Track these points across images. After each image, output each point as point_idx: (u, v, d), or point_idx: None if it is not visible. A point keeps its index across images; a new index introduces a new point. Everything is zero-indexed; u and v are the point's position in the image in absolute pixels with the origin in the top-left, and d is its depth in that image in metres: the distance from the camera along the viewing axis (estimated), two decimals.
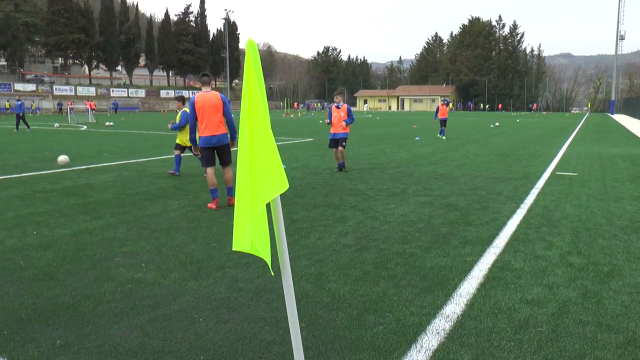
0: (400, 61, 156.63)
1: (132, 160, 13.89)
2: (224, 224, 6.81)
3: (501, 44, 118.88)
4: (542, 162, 13.85)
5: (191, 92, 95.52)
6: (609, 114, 75.84)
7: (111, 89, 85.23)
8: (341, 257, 5.39)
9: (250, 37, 2.19)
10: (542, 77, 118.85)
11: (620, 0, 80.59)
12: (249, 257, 5.19)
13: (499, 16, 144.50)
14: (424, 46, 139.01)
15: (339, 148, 11.69)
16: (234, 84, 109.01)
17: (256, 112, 2.17)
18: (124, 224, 6.78)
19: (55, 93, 75.99)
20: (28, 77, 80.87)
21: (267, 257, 2.22)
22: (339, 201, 8.36)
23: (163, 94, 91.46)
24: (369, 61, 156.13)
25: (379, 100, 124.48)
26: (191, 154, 10.68)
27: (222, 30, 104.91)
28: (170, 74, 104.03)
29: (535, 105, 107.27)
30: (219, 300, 4.24)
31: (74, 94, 78.12)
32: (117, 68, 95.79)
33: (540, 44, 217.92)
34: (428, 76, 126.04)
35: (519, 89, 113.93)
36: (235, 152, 3.53)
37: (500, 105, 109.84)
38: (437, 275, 4.82)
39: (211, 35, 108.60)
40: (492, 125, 36.18)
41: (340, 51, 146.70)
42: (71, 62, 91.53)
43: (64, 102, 66.70)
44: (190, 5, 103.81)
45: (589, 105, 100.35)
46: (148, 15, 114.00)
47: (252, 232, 2.12)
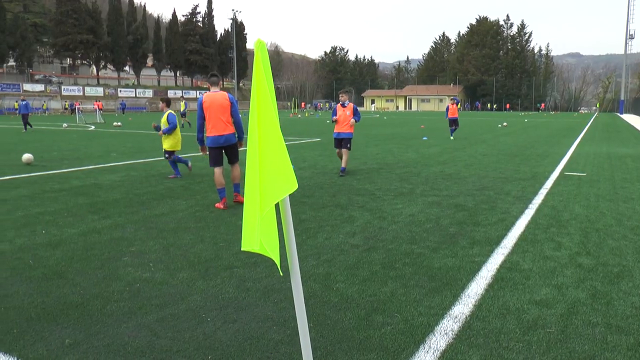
0: (408, 61, 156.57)
1: (140, 160, 13.94)
2: (232, 223, 6.83)
3: (509, 44, 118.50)
4: (551, 162, 13.78)
5: (199, 92, 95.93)
6: (618, 114, 75.42)
7: (119, 89, 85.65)
8: (349, 257, 5.39)
9: (258, 37, 2.19)
10: (550, 77, 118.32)
11: None
12: (257, 257, 5.20)
13: (507, 15, 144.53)
14: (432, 46, 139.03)
15: (343, 149, 11.37)
16: (241, 84, 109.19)
17: (265, 112, 2.17)
18: (132, 224, 6.80)
19: (64, 93, 76.48)
20: (37, 77, 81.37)
21: (276, 257, 2.22)
22: (347, 201, 8.36)
23: (171, 94, 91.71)
24: (376, 61, 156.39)
25: (386, 100, 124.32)
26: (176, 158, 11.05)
27: (230, 30, 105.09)
28: (178, 74, 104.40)
29: (542, 105, 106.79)
30: (226, 300, 4.25)
31: (82, 94, 78.61)
32: (124, 68, 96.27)
33: (548, 43, 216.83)
34: (435, 76, 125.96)
35: (527, 88, 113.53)
36: (244, 152, 3.53)
37: (508, 105, 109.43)
38: (445, 276, 4.80)
39: (218, 36, 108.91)
40: (499, 125, 36.05)
41: (347, 51, 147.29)
42: (79, 62, 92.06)
43: (73, 103, 67.12)
44: (197, 6, 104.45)
45: (598, 105, 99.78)
46: (155, 15, 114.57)
47: (261, 232, 2.12)
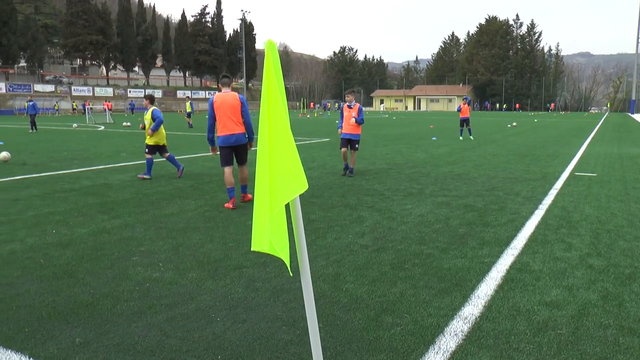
0: (417, 61, 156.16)
1: None
2: (241, 223, 6.84)
3: (518, 43, 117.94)
4: (561, 163, 13.70)
5: (208, 92, 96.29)
6: (629, 114, 74.79)
7: (128, 90, 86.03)
8: (358, 257, 5.38)
9: (269, 37, 2.19)
10: (560, 77, 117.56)
11: None
12: (266, 257, 5.20)
13: (517, 15, 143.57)
14: (441, 46, 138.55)
15: (351, 150, 11.25)
16: (250, 84, 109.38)
17: (276, 112, 2.17)
18: (141, 224, 6.83)
19: (74, 94, 76.91)
20: (47, 78, 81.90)
21: (286, 258, 2.22)
22: (356, 201, 8.35)
23: (180, 94, 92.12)
24: (385, 61, 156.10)
25: (395, 100, 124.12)
26: (162, 158, 11.27)
27: (239, 30, 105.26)
28: (187, 75, 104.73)
29: (552, 105, 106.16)
30: (236, 300, 4.25)
31: (91, 94, 79.06)
32: (134, 69, 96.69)
33: (558, 43, 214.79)
34: (445, 76, 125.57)
35: (537, 88, 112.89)
36: (254, 152, 3.52)
37: (517, 105, 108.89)
38: (454, 277, 4.79)
39: (227, 36, 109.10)
40: (509, 125, 35.89)
41: (356, 51, 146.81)
42: (89, 63, 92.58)
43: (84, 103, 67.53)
44: (206, 6, 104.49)
45: (609, 105, 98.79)
46: (165, 16, 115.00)
47: (271, 233, 2.12)
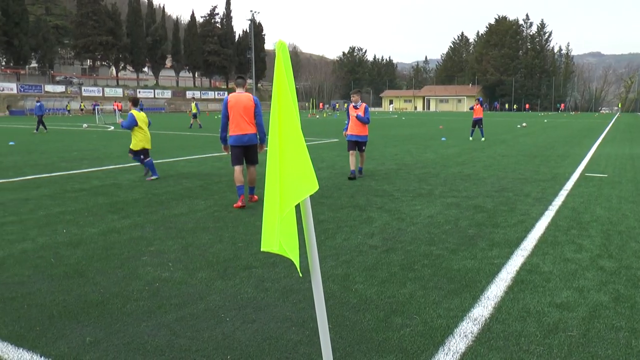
0: (426, 61, 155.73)
1: (159, 160, 14.04)
2: (251, 224, 6.85)
3: (528, 43, 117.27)
4: (571, 163, 13.61)
5: (217, 93, 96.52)
6: None
7: (138, 90, 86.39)
8: (368, 258, 5.37)
9: (279, 38, 2.19)
10: (570, 77, 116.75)
11: None
12: (276, 257, 5.21)
13: (526, 15, 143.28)
14: (450, 46, 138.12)
15: (359, 152, 11.21)
16: (259, 84, 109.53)
17: (286, 113, 2.17)
18: (151, 224, 6.86)
19: (84, 94, 77.38)
20: (58, 78, 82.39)
21: (296, 258, 2.22)
22: (365, 202, 8.34)
23: (189, 94, 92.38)
24: (394, 61, 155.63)
25: (404, 101, 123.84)
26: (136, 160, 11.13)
27: (248, 31, 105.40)
28: (196, 75, 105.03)
29: (562, 105, 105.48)
30: (245, 300, 4.26)
31: (101, 95, 79.48)
32: (143, 69, 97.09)
33: (568, 42, 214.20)
34: (454, 76, 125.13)
35: (547, 88, 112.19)
36: (265, 153, 3.54)
37: (527, 105, 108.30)
38: (464, 278, 4.77)
39: (237, 37, 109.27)
40: (519, 126, 35.70)
41: (365, 51, 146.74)
42: (99, 63, 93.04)
43: (90, 103, 68.01)
44: (216, 7, 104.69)
45: (620, 105, 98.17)
46: (174, 17, 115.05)
47: (281, 233, 2.12)
